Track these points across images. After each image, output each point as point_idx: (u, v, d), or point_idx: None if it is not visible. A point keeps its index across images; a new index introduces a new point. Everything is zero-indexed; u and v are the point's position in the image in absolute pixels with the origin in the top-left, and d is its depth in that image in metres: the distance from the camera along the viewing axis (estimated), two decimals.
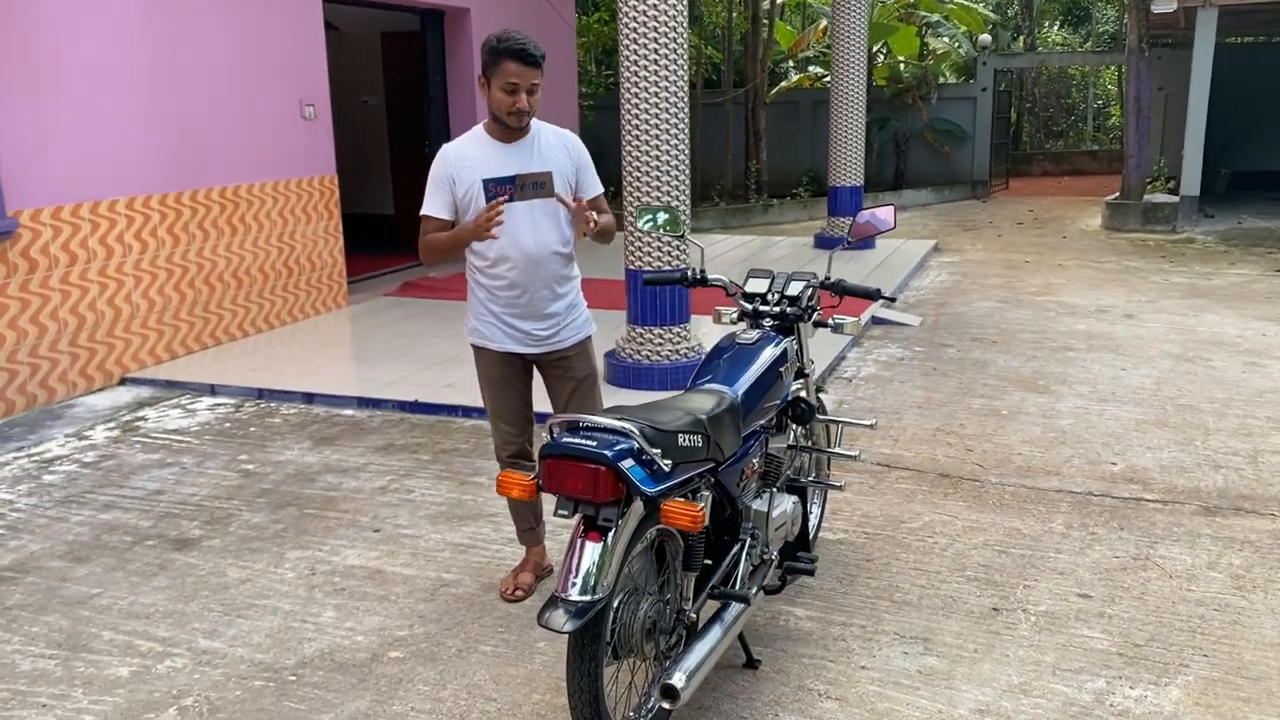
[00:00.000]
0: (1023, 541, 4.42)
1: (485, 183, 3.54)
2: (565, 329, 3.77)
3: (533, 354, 3.77)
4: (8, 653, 3.64)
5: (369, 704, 3.31)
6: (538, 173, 3.60)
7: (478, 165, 3.56)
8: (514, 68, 3.42)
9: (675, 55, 6.17)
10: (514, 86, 3.44)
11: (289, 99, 8.29)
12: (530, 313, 3.69)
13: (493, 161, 3.57)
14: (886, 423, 5.97)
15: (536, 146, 3.63)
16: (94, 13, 6.61)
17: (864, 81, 11.70)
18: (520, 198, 3.57)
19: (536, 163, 3.60)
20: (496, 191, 3.52)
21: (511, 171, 3.57)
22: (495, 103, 3.48)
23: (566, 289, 3.76)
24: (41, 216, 6.34)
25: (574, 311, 3.81)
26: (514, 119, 3.50)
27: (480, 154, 3.58)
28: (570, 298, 3.79)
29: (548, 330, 3.73)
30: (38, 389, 6.40)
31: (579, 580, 2.61)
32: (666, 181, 6.27)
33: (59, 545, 4.51)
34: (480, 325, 3.76)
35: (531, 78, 3.45)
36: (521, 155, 3.60)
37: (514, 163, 3.58)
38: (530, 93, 3.47)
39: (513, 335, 3.72)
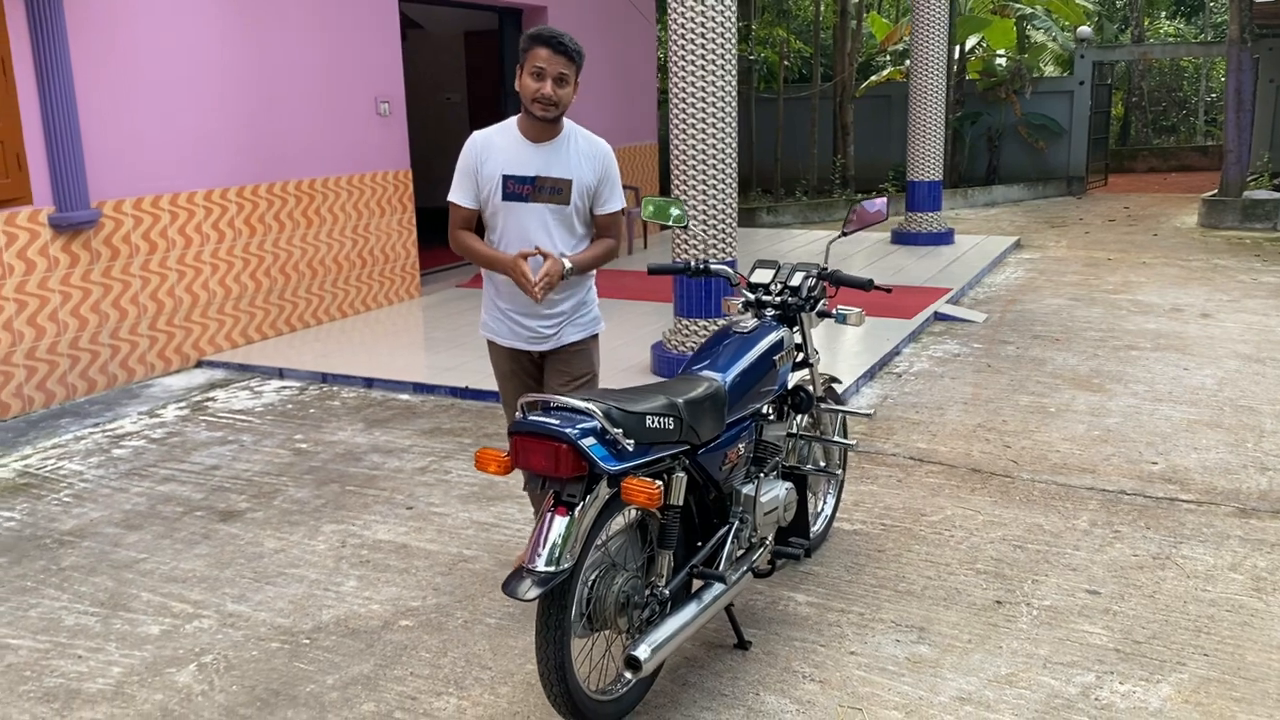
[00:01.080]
0: (1041, 537, 4.39)
1: (505, 178, 3.52)
2: (569, 326, 3.73)
3: (536, 350, 3.77)
4: (55, 609, 3.94)
5: (372, 668, 3.49)
6: (557, 178, 3.55)
7: (502, 158, 3.54)
8: (543, 53, 3.40)
9: (723, 54, 6.23)
10: (540, 71, 3.39)
11: (365, 96, 8.60)
12: (533, 311, 3.67)
13: (516, 158, 3.54)
14: (927, 418, 5.95)
15: (563, 151, 3.57)
16: (177, 11, 6.98)
17: (944, 75, 11.55)
18: (536, 200, 3.55)
19: (559, 167, 3.55)
20: (515, 189, 3.53)
21: (531, 172, 3.53)
22: (523, 89, 3.44)
23: (573, 290, 3.70)
24: (124, 207, 6.74)
25: (582, 310, 3.76)
26: (539, 107, 3.43)
27: (506, 147, 3.55)
28: (579, 296, 3.74)
29: (551, 328, 3.71)
30: (118, 369, 6.81)
31: (544, 552, 2.73)
32: (713, 176, 6.35)
33: (117, 513, 4.83)
34: (489, 319, 3.80)
35: (560, 66, 3.41)
36: (546, 157, 3.55)
37: (537, 163, 3.54)
38: (559, 83, 3.42)
39: (516, 332, 3.72)
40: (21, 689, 3.40)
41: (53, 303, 6.35)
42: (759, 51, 17.81)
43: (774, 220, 15.01)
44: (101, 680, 3.44)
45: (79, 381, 6.56)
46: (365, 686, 3.38)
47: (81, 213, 6.40)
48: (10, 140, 6.03)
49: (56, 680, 3.45)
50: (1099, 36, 22.36)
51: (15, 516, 4.81)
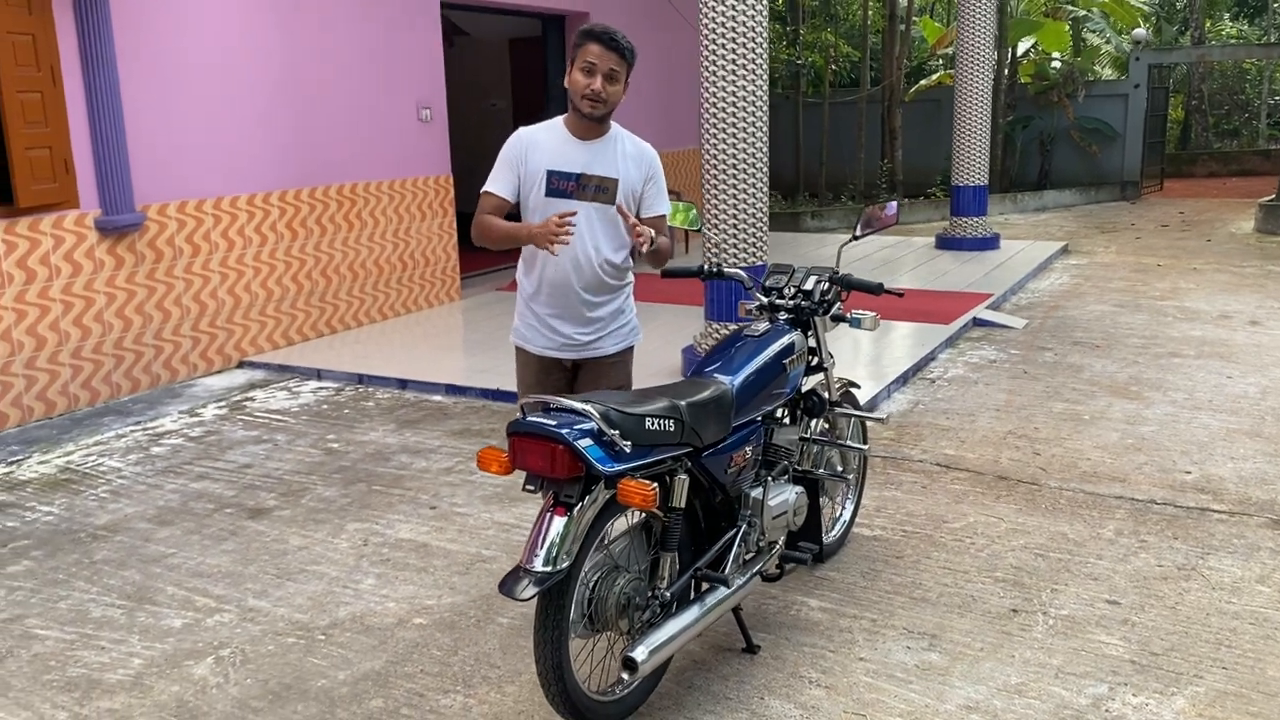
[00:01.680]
0: (1064, 546, 4.33)
1: (550, 174, 3.46)
2: (607, 336, 3.65)
3: (570, 359, 3.66)
4: (84, 601, 4.05)
5: (384, 664, 3.54)
6: (604, 177, 3.49)
7: (547, 155, 3.47)
8: (595, 49, 3.36)
9: (754, 59, 6.23)
10: (591, 66, 3.35)
11: (407, 102, 8.72)
12: (570, 315, 3.57)
13: (562, 155, 3.48)
14: (957, 424, 5.90)
15: (610, 151, 3.53)
16: (222, 18, 7.14)
17: (990, 79, 11.42)
18: (581, 198, 3.48)
19: (605, 166, 3.50)
20: (559, 185, 3.47)
21: (576, 169, 3.47)
22: (573, 85, 3.40)
23: (612, 295, 3.63)
24: (168, 210, 6.91)
25: (620, 318, 3.68)
26: (587, 104, 3.39)
27: (552, 144, 3.50)
28: (617, 303, 3.66)
29: (589, 335, 3.61)
30: (161, 369, 6.97)
31: (541, 552, 2.76)
32: (743, 181, 6.34)
33: (150, 509, 4.94)
34: (521, 325, 3.69)
35: (611, 62, 3.36)
36: (593, 156, 3.50)
37: (583, 160, 3.49)
38: (609, 79, 3.38)
39: (551, 340, 3.61)
40: (45, 678, 3.50)
41: (98, 304, 6.52)
42: (806, 56, 17.75)
43: (819, 225, 14.93)
44: (122, 671, 3.53)
45: (123, 380, 6.73)
46: (375, 683, 3.43)
47: (126, 216, 6.57)
48: (58, 146, 6.20)
49: (79, 670, 3.55)
50: (1157, 39, 21.95)
51: (54, 511, 4.95)
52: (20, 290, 6.11)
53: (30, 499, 5.10)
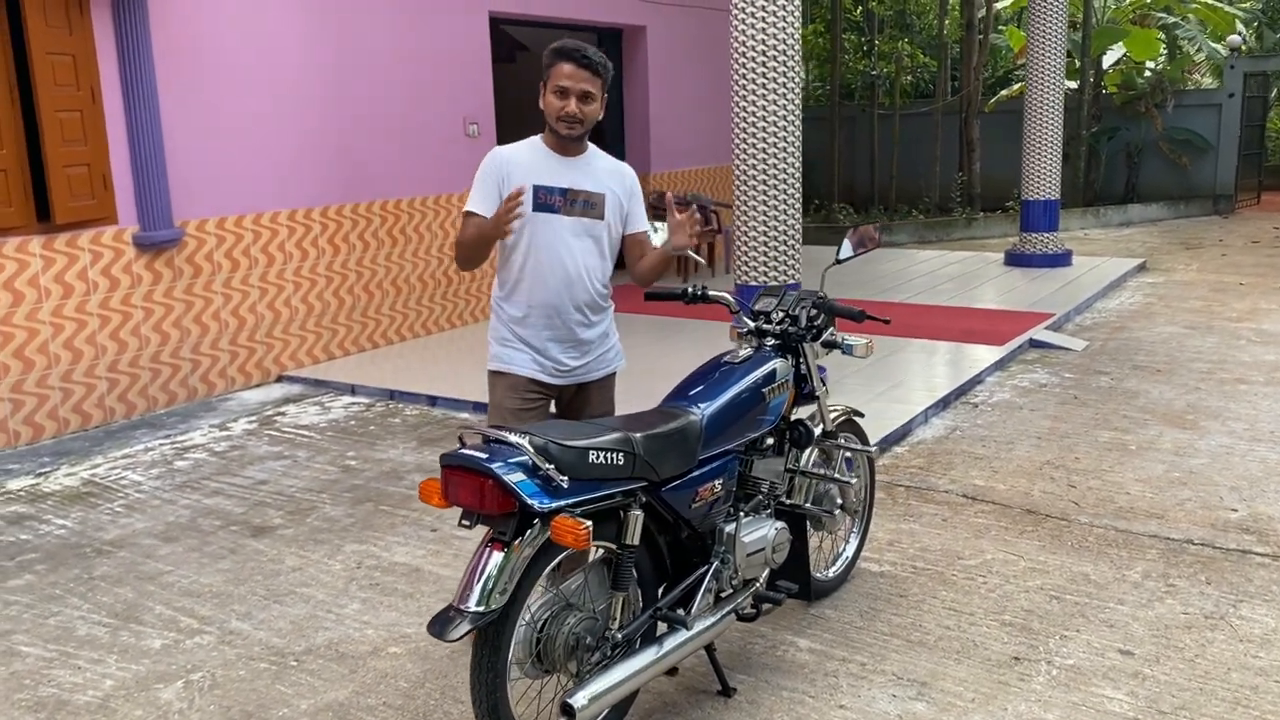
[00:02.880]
0: (1084, 588, 4.06)
1: (537, 188, 3.38)
2: (595, 360, 3.58)
3: (556, 384, 3.56)
4: (73, 618, 4.06)
5: (348, 694, 3.46)
6: (591, 192, 3.45)
7: (530, 171, 3.40)
8: (567, 69, 3.31)
9: (786, 73, 6.06)
10: (564, 90, 3.31)
11: (454, 118, 8.73)
12: (559, 336, 3.49)
13: (546, 171, 3.42)
14: (992, 452, 5.62)
15: (592, 168, 3.49)
16: (262, 33, 7.23)
17: (1060, 89, 11.01)
18: (569, 213, 3.42)
19: (590, 182, 3.45)
20: (547, 200, 3.39)
21: (563, 184, 3.42)
22: (547, 107, 3.37)
23: (600, 316, 3.57)
24: (207, 226, 7.00)
25: (606, 341, 3.62)
26: (564, 125, 3.35)
27: (534, 161, 3.43)
28: (603, 326, 3.60)
29: (578, 360, 3.54)
30: (198, 383, 7.06)
31: (475, 590, 2.64)
32: (775, 196, 6.17)
33: (159, 525, 4.97)
34: (504, 350, 3.55)
35: (583, 82, 3.31)
36: (576, 171, 3.45)
37: (568, 176, 3.43)
38: (584, 100, 3.33)
39: (540, 363, 3.51)
40: (16, 696, 3.51)
41: (135, 318, 6.63)
42: (881, 67, 17.41)
43: (888, 240, 14.58)
44: (92, 693, 3.52)
45: (159, 394, 6.82)
46: (335, 713, 3.35)
47: (165, 232, 6.67)
48: (97, 163, 6.33)
49: (50, 690, 3.54)
50: (1258, 45, 21.02)
51: (67, 524, 5.01)
52: (58, 304, 6.24)
53: (48, 511, 5.17)
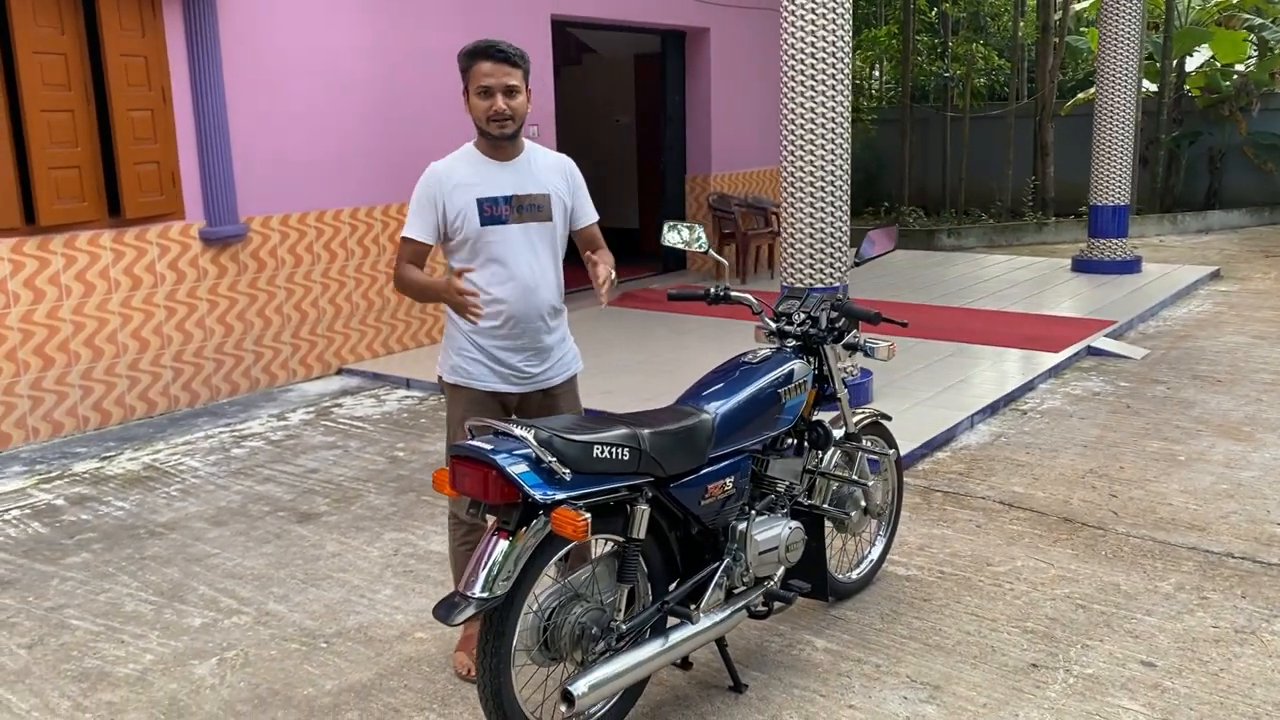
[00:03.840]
0: (1112, 598, 4.01)
1: (480, 201, 3.33)
2: (555, 365, 3.53)
3: (517, 393, 3.48)
4: (122, 595, 4.25)
5: (372, 676, 3.58)
6: (534, 194, 3.40)
7: (470, 185, 3.35)
8: (485, 67, 3.27)
9: (835, 73, 6.06)
10: (487, 89, 3.27)
11: None
12: (522, 346, 3.42)
13: (486, 180, 3.36)
14: (1036, 460, 5.56)
15: (532, 167, 3.44)
16: (328, 38, 7.43)
17: (1134, 91, 10.78)
18: (517, 220, 3.37)
19: (532, 184, 3.41)
20: (492, 211, 3.34)
21: (506, 191, 3.36)
22: (474, 111, 3.32)
23: (558, 321, 3.53)
24: (271, 223, 7.23)
25: (564, 346, 3.58)
26: (495, 125, 3.30)
27: (472, 173, 3.37)
28: (561, 330, 3.56)
29: (539, 367, 3.48)
30: (261, 374, 7.29)
31: (480, 578, 2.73)
32: (821, 198, 6.17)
33: (210, 509, 5.16)
34: (463, 362, 3.45)
35: (505, 76, 3.27)
36: (517, 175, 3.40)
37: (508, 182, 3.38)
38: (509, 94, 3.28)
39: (500, 373, 3.43)
40: (63, 666, 3.69)
41: (200, 310, 6.88)
42: (954, 69, 17.19)
43: (955, 243, 14.41)
44: (132, 665, 3.69)
45: (222, 384, 7.07)
46: (358, 695, 3.47)
47: (230, 227, 6.91)
48: (166, 161, 6.58)
49: (94, 662, 3.72)
50: None
51: (125, 507, 5.23)
52: (126, 295, 6.50)
53: (109, 494, 5.40)
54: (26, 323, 6.07)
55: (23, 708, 3.44)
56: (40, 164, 5.98)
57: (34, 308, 6.09)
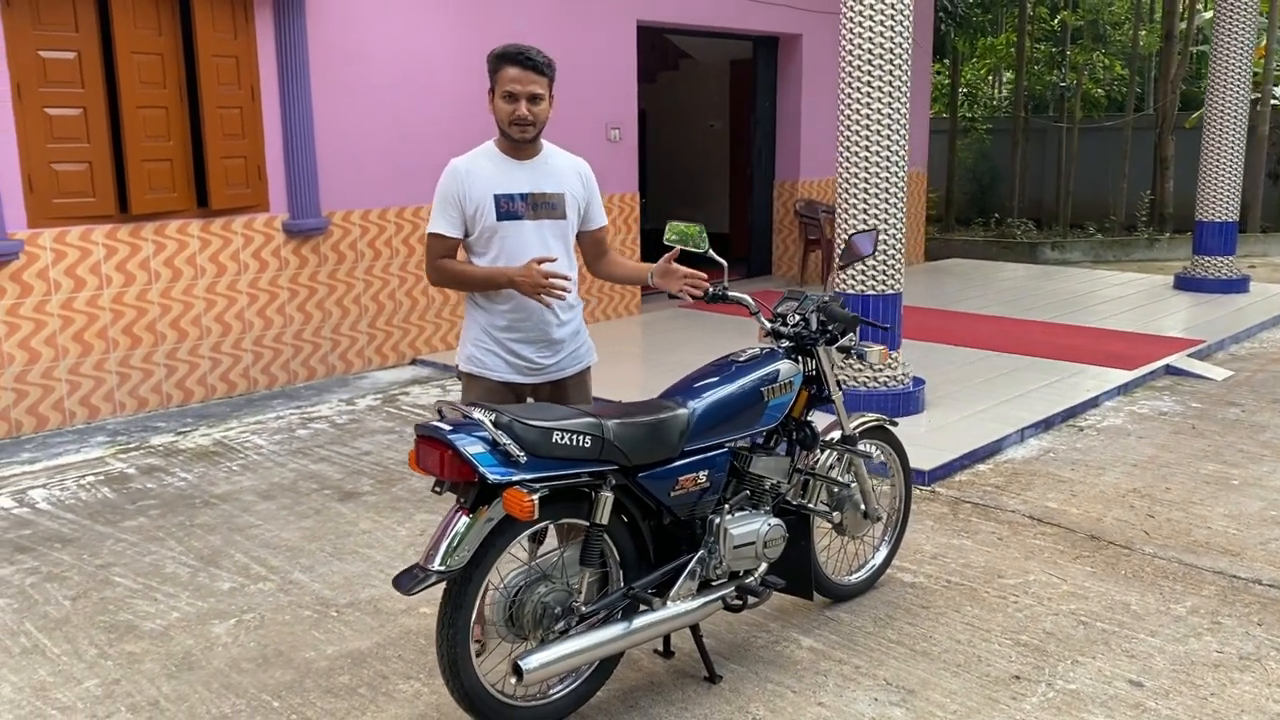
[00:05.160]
0: (1119, 617, 3.93)
1: (497, 197, 3.45)
2: (567, 357, 3.63)
3: (530, 384, 3.60)
4: (165, 557, 4.56)
5: (371, 645, 3.78)
6: (550, 193, 3.52)
7: (488, 180, 3.47)
8: (512, 72, 3.38)
9: (894, 79, 6.04)
10: (511, 94, 3.38)
11: (596, 122, 9.06)
12: (534, 338, 3.53)
13: (504, 177, 3.48)
14: (1079, 477, 5.44)
15: (549, 168, 3.56)
16: (413, 40, 7.74)
17: (1246, 102, 10.34)
18: (532, 217, 3.49)
19: (549, 183, 3.53)
20: (508, 207, 3.46)
21: (523, 189, 3.49)
22: (497, 113, 3.44)
23: (571, 315, 3.63)
24: (352, 217, 7.57)
25: (578, 339, 3.68)
26: (516, 129, 3.42)
27: (491, 169, 3.49)
28: (574, 324, 3.66)
29: (551, 358, 3.59)
30: (337, 360, 7.64)
31: (439, 552, 2.88)
32: (876, 204, 6.15)
33: (263, 484, 5.47)
34: (478, 353, 3.57)
35: (531, 84, 3.39)
36: (534, 173, 3.52)
37: (525, 180, 3.50)
38: (533, 101, 3.40)
39: (513, 364, 3.54)
40: (98, 618, 4.00)
41: (281, 298, 7.25)
42: (1070, 78, 16.71)
43: (1058, 257, 14.02)
44: (159, 621, 3.97)
45: (300, 369, 7.43)
46: (353, 660, 3.67)
47: (312, 220, 7.27)
48: (253, 155, 6.97)
49: (127, 616, 4.02)
50: None
51: (188, 478, 5.58)
52: (211, 282, 6.91)
53: (176, 466, 5.77)
54: (117, 304, 6.51)
55: (55, 652, 3.75)
56: (134, 156, 6.42)
57: (125, 290, 6.53)
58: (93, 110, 6.24)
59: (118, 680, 3.55)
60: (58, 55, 6.09)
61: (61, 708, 3.39)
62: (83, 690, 3.49)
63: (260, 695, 3.46)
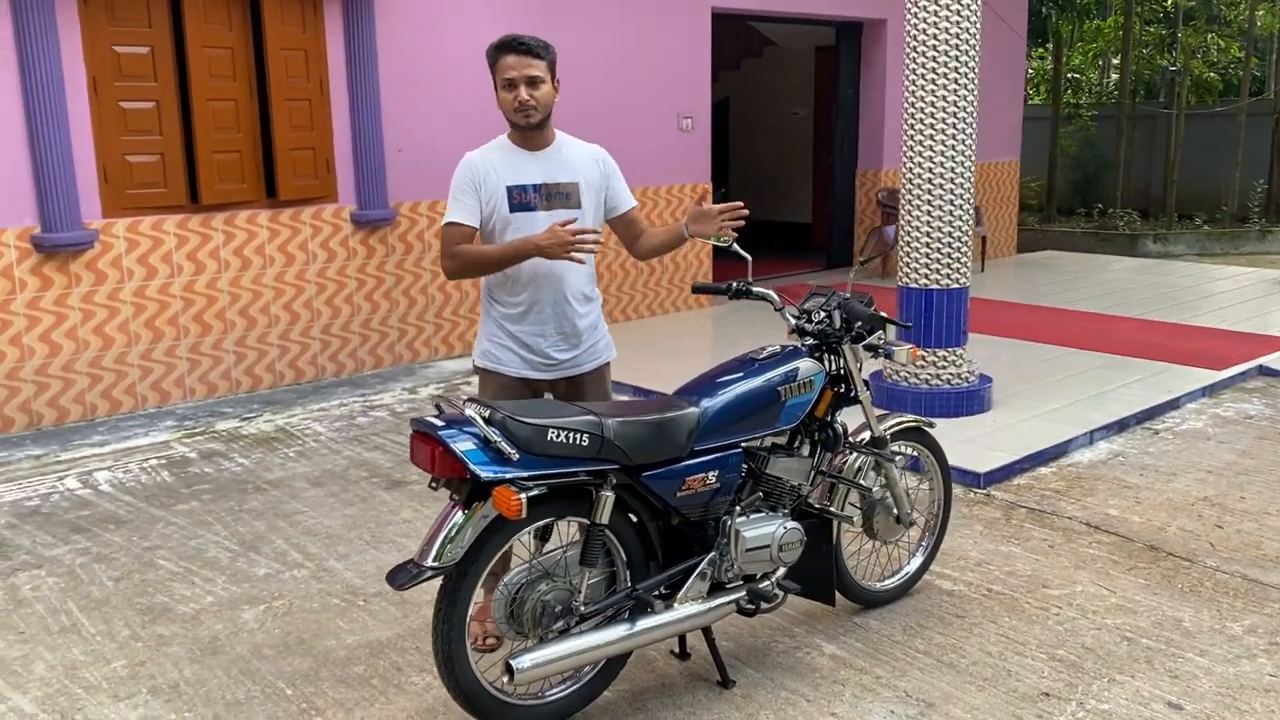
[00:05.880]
0: (1168, 634, 3.71)
1: (510, 189, 3.45)
2: (585, 352, 3.60)
3: (546, 380, 3.58)
4: (209, 542, 4.66)
5: (391, 636, 3.79)
6: (563, 183, 3.50)
7: (502, 172, 3.47)
8: (509, 59, 3.37)
9: (959, 66, 5.82)
10: (510, 81, 3.38)
11: (668, 111, 8.98)
12: (549, 332, 3.52)
13: (516, 169, 3.47)
14: (1147, 483, 5.18)
15: (562, 157, 3.54)
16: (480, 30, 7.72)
17: None
18: (545, 208, 3.46)
19: (562, 173, 3.51)
20: (521, 199, 3.45)
21: (537, 180, 3.47)
22: (501, 104, 3.44)
23: (588, 309, 3.60)
24: (419, 208, 7.65)
25: (595, 333, 3.64)
26: (520, 116, 3.41)
27: (504, 161, 3.49)
28: (592, 318, 3.62)
29: (567, 353, 3.56)
30: (404, 350, 7.74)
31: (433, 548, 2.86)
32: (940, 197, 5.94)
33: (316, 471, 5.56)
34: (493, 348, 3.58)
35: (527, 68, 3.37)
36: (547, 164, 3.50)
37: (538, 171, 3.49)
38: (532, 85, 3.38)
39: (528, 360, 3.53)
40: (136, 600, 4.10)
41: (349, 287, 7.37)
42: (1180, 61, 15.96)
43: (1161, 250, 13.43)
44: (192, 605, 4.06)
45: (367, 357, 7.55)
46: (370, 651, 3.69)
47: (380, 211, 7.36)
48: (321, 148, 7.09)
49: (163, 599, 4.11)
50: None
51: (244, 463, 5.70)
52: (280, 271, 7.06)
53: (236, 451, 5.91)
54: (188, 292, 6.70)
55: (90, 631, 3.86)
56: (205, 148, 6.58)
57: (195, 278, 6.71)
58: (165, 103, 6.42)
59: (143, 662, 3.64)
60: (132, 50, 6.28)
61: (87, 687, 3.48)
62: (110, 670, 3.58)
63: (275, 683, 3.50)
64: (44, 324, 6.19)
